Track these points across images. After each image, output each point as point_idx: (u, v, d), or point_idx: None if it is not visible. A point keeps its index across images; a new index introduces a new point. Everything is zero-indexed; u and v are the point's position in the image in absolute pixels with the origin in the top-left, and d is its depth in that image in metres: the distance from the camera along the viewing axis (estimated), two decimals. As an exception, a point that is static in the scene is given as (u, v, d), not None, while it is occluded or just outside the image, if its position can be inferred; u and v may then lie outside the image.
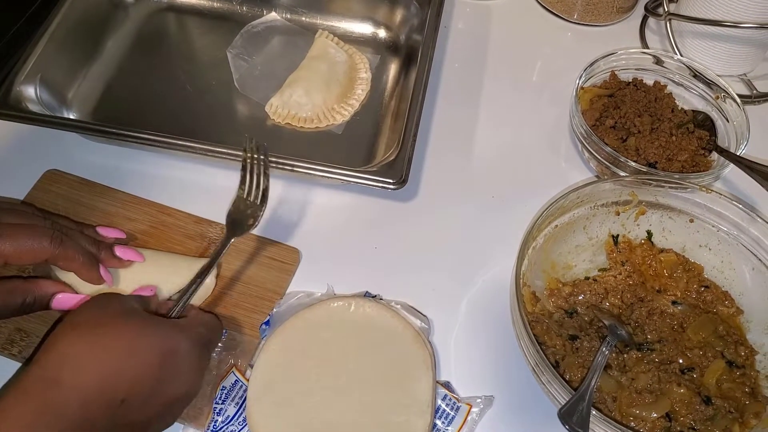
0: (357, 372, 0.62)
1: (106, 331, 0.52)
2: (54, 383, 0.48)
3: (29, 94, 0.76)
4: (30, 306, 0.60)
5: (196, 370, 0.56)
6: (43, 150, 0.79)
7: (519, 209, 0.77)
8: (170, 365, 0.53)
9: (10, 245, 0.57)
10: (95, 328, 0.52)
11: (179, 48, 0.90)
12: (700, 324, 0.66)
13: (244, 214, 0.66)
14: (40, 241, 0.58)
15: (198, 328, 0.58)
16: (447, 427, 0.61)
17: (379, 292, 0.69)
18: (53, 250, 0.59)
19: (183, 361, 0.55)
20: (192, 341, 0.56)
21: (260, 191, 0.68)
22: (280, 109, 0.83)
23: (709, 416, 0.60)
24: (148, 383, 0.52)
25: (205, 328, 0.59)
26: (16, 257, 0.58)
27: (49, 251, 0.58)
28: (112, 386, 0.50)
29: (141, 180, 0.76)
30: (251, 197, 0.67)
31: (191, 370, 0.56)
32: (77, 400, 0.48)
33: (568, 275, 0.71)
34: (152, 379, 0.52)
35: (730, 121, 0.78)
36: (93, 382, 0.49)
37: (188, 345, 0.55)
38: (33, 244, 0.58)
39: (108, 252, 0.64)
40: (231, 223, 0.66)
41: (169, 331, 0.55)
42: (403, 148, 0.72)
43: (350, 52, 0.88)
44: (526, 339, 0.58)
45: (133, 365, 0.51)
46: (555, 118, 0.86)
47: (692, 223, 0.69)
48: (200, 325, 0.59)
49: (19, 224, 0.59)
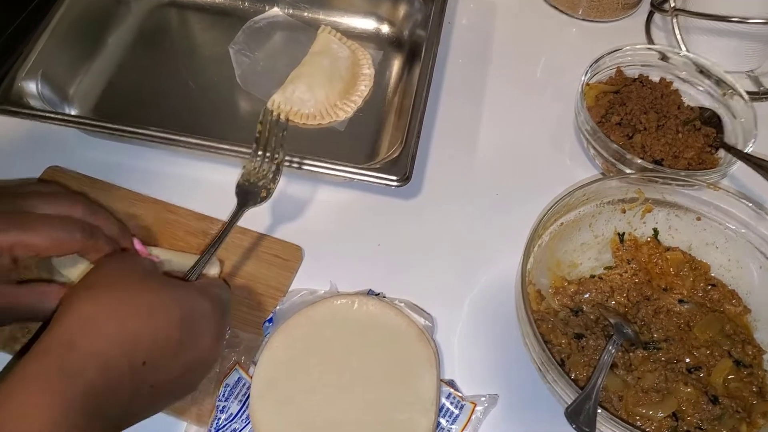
0: (360, 370, 0.62)
1: (123, 292, 0.51)
2: (69, 347, 0.47)
3: (31, 89, 0.75)
4: None
5: (216, 334, 0.55)
6: (45, 146, 0.78)
7: (523, 207, 0.75)
8: (190, 326, 0.52)
9: (43, 238, 0.55)
10: (112, 290, 0.51)
11: (181, 44, 0.90)
12: (706, 323, 0.65)
13: (255, 186, 0.66)
14: (73, 233, 0.56)
15: (215, 289, 0.58)
16: (451, 425, 0.61)
17: (382, 290, 0.69)
18: (84, 242, 0.57)
19: (203, 322, 0.54)
20: (212, 303, 0.55)
21: (273, 165, 0.67)
22: (282, 105, 0.82)
23: (716, 416, 0.59)
24: (169, 344, 0.51)
25: (221, 289, 0.59)
26: (47, 250, 0.56)
27: (81, 243, 0.57)
28: (133, 349, 0.48)
29: (142, 177, 0.76)
30: (264, 170, 0.67)
31: (211, 332, 0.55)
32: (95, 364, 0.47)
33: (573, 273, 0.70)
34: (173, 340, 0.51)
35: (737, 118, 0.77)
36: (111, 346, 0.48)
37: (208, 306, 0.55)
38: (65, 236, 0.56)
39: (128, 241, 0.63)
40: (241, 193, 0.66)
41: (189, 291, 0.54)
42: (407, 144, 0.71)
43: (353, 48, 0.88)
44: (532, 337, 0.58)
45: (153, 326, 0.50)
46: (559, 115, 0.85)
47: (699, 221, 0.69)
48: (216, 286, 0.58)
49: (50, 216, 0.57)
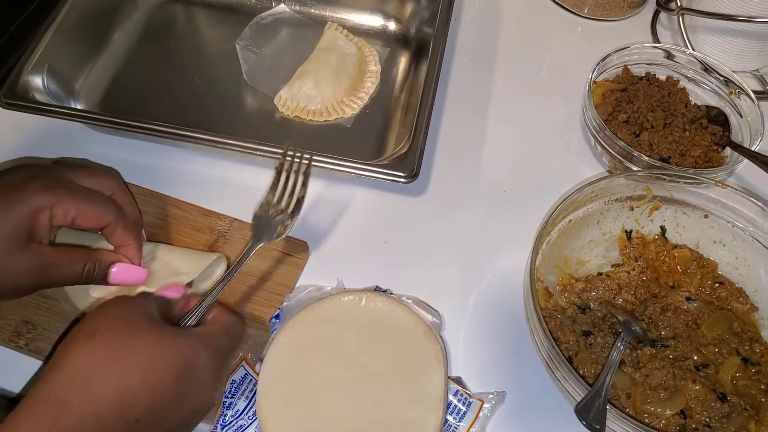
0: (368, 367, 0.62)
1: (122, 345, 0.49)
2: (64, 405, 0.46)
3: (37, 84, 0.75)
4: (90, 274, 0.59)
5: (215, 383, 0.54)
6: (50, 141, 0.78)
7: (529, 204, 0.76)
8: (188, 380, 0.51)
9: (84, 205, 0.58)
10: (110, 342, 0.50)
11: (187, 40, 0.89)
12: (714, 321, 0.65)
13: (273, 220, 0.65)
14: (107, 207, 0.59)
15: (219, 338, 0.55)
16: (459, 422, 0.60)
17: (389, 287, 0.68)
18: (116, 218, 0.60)
19: (202, 375, 0.52)
20: (212, 353, 0.53)
21: (293, 200, 0.66)
22: (289, 101, 0.82)
23: (724, 414, 0.59)
24: (166, 401, 0.49)
25: (227, 336, 0.56)
26: (83, 218, 0.58)
27: (112, 219, 0.59)
28: (128, 406, 0.47)
29: (148, 172, 0.76)
30: (281, 204, 0.66)
31: (210, 383, 0.53)
32: (91, 422, 0.46)
33: (580, 271, 0.70)
34: (170, 396, 0.49)
35: (743, 116, 0.77)
36: (107, 403, 0.47)
37: (208, 358, 0.53)
38: (101, 209, 0.59)
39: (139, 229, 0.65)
40: (258, 226, 0.65)
41: (188, 344, 0.52)
42: (415, 141, 0.71)
43: (360, 44, 0.88)
44: (541, 334, 0.58)
45: (152, 384, 0.48)
46: (566, 113, 0.85)
47: (707, 218, 0.69)
48: (221, 333, 0.56)
49: (90, 188, 0.60)
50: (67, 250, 0.59)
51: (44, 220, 0.56)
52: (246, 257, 0.62)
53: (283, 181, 0.67)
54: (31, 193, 0.56)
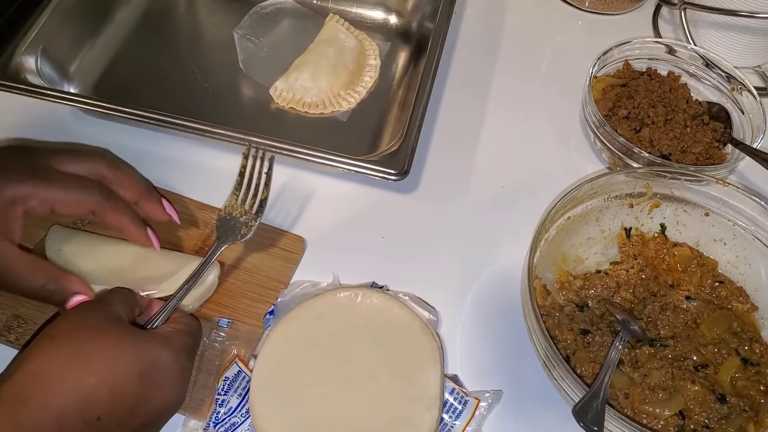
0: (363, 364, 0.61)
1: (82, 345, 0.50)
2: (24, 401, 0.46)
3: (29, 65, 0.74)
4: (48, 294, 0.57)
5: (179, 383, 0.53)
6: (42, 126, 0.77)
7: (527, 200, 0.75)
8: (150, 380, 0.51)
9: (60, 193, 0.56)
10: (71, 342, 0.50)
11: (186, 26, 0.88)
12: (714, 320, 0.64)
13: (237, 221, 0.65)
14: (89, 192, 0.57)
15: (181, 338, 0.55)
16: (455, 421, 0.60)
17: (386, 283, 0.68)
18: (100, 202, 0.58)
19: (164, 374, 0.52)
20: (175, 354, 0.53)
21: (256, 201, 0.66)
22: (285, 92, 0.81)
23: (723, 414, 0.58)
24: (127, 400, 0.49)
25: (189, 336, 0.56)
26: (62, 205, 0.56)
27: (96, 204, 0.57)
28: (88, 404, 0.47)
29: (141, 160, 0.74)
30: (246, 205, 0.66)
31: (173, 383, 0.53)
32: (49, 419, 0.46)
33: (579, 268, 0.69)
34: (131, 395, 0.49)
35: (745, 113, 0.76)
36: (66, 401, 0.47)
37: (170, 358, 0.52)
38: (81, 194, 0.57)
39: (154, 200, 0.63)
40: (221, 228, 0.64)
41: (150, 344, 0.52)
42: (407, 138, 0.70)
43: (360, 38, 0.86)
44: (539, 333, 0.57)
45: (110, 382, 0.49)
46: (565, 108, 0.84)
47: (707, 216, 0.68)
48: (184, 334, 0.56)
49: (69, 174, 0.58)
50: (33, 261, 0.56)
51: (17, 213, 0.55)
52: (211, 259, 0.62)
53: (246, 182, 0.67)
54: (3, 186, 0.54)
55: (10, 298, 0.64)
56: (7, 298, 0.64)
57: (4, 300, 0.64)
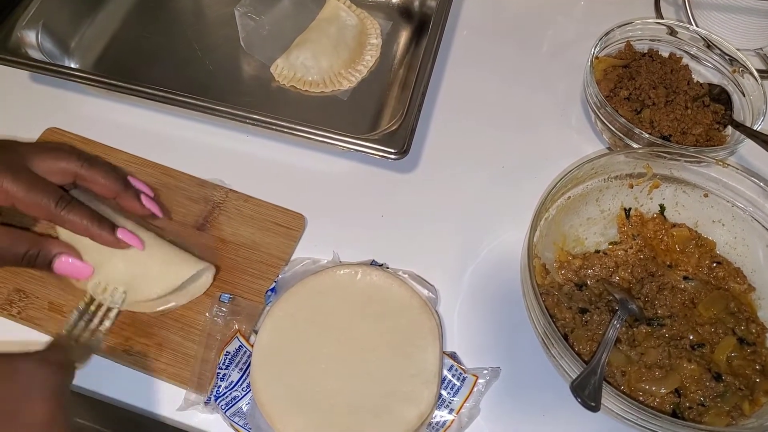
0: (363, 341, 0.61)
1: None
2: None
3: (30, 40, 0.74)
4: (32, 259, 0.58)
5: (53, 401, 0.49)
6: (45, 106, 0.77)
7: (527, 180, 0.75)
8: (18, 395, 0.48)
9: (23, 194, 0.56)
10: None
11: (187, 3, 0.88)
12: (711, 300, 0.65)
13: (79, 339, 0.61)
14: (47, 198, 0.57)
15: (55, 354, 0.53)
16: (453, 397, 0.60)
17: (385, 261, 0.68)
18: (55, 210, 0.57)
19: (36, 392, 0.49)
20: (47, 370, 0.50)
21: None
22: (285, 71, 0.81)
23: (719, 393, 0.59)
24: None
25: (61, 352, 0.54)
26: (23, 206, 0.57)
27: (51, 209, 0.57)
28: None
29: (143, 139, 0.75)
30: None
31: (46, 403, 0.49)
32: None
33: (578, 248, 0.69)
34: None
35: (746, 95, 0.76)
36: None
37: (44, 374, 0.50)
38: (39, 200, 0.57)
39: (134, 192, 0.62)
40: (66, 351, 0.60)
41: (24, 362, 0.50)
42: (407, 118, 0.71)
43: (362, 16, 0.86)
44: (537, 311, 0.57)
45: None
46: (566, 89, 0.84)
47: (706, 197, 0.68)
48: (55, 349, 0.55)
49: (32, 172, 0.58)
50: (10, 232, 0.58)
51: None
52: None
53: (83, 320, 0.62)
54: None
55: (11, 272, 0.64)
56: (8, 272, 0.64)
57: (6, 274, 0.64)
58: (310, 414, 0.58)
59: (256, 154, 0.75)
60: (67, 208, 0.58)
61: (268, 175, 0.74)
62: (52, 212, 0.58)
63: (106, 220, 0.60)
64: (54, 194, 0.58)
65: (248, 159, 0.75)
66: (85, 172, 0.60)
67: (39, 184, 0.58)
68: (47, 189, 0.58)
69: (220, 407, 0.58)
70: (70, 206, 0.58)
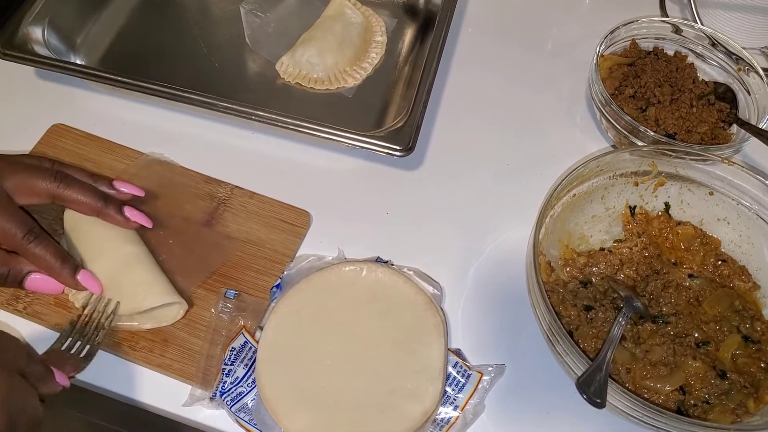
0: (368, 337, 0.61)
1: None
2: None
3: (36, 36, 0.74)
4: (2, 278, 0.58)
5: None
6: (50, 103, 0.77)
7: (532, 178, 0.75)
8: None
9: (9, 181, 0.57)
10: None
11: (192, 0, 0.88)
12: (716, 298, 0.65)
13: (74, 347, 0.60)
14: (13, 226, 0.57)
15: None
16: (457, 394, 0.60)
17: (390, 257, 0.68)
18: (21, 238, 0.57)
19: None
20: None
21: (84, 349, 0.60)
22: (290, 68, 0.81)
23: (723, 390, 0.59)
24: None
25: None
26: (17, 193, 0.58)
27: (18, 239, 0.57)
28: None
29: (149, 136, 0.75)
30: None
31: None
32: None
33: (583, 245, 0.70)
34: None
35: (751, 94, 0.76)
36: None
37: None
38: (6, 226, 0.57)
39: (115, 207, 0.62)
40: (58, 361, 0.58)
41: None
42: (412, 115, 0.71)
43: (367, 14, 0.86)
44: (543, 308, 0.57)
45: None
46: (571, 87, 0.84)
47: (711, 195, 0.68)
48: None
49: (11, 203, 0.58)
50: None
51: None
52: None
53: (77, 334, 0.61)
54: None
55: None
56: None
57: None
58: (315, 410, 0.58)
59: (262, 150, 0.76)
60: (35, 242, 0.58)
61: (273, 172, 0.74)
62: (18, 243, 0.58)
63: (70, 260, 0.60)
64: (23, 225, 0.58)
65: (253, 156, 0.75)
66: (61, 192, 0.60)
67: (8, 212, 0.58)
68: (16, 218, 0.58)
69: (225, 403, 0.58)
70: (38, 240, 0.58)
